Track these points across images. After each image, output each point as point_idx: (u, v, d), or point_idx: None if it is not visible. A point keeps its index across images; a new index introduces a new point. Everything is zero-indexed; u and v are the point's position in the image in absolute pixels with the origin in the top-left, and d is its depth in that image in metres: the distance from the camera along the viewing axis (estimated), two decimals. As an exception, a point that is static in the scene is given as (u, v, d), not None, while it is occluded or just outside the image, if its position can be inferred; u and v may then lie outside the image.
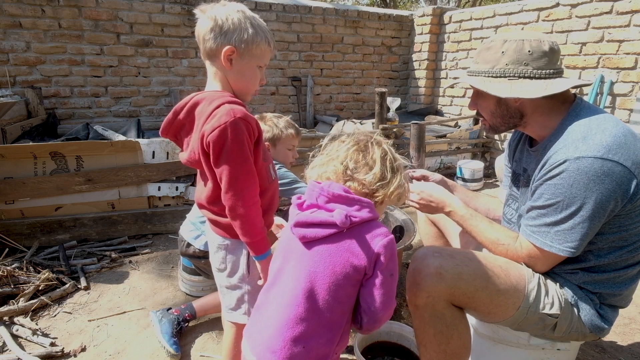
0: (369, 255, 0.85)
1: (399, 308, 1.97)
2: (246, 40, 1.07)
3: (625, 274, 1.13)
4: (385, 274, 0.86)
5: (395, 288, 0.90)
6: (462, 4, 13.40)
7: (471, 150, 4.38)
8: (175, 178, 2.81)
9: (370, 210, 0.88)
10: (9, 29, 3.51)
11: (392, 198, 0.93)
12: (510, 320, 1.15)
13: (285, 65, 4.77)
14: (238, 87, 1.15)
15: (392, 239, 0.87)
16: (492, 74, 1.16)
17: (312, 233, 0.87)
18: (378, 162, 0.92)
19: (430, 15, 4.98)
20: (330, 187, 0.90)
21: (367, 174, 0.91)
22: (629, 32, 3.18)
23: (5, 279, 2.00)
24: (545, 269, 1.16)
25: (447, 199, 1.31)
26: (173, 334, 1.67)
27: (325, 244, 0.87)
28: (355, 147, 0.94)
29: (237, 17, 1.07)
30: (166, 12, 4.00)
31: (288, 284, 0.90)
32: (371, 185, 0.90)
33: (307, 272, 0.87)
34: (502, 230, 1.23)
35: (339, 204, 0.88)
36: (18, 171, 2.46)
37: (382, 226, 0.89)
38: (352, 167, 0.92)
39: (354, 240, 0.86)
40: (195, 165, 1.18)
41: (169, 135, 1.23)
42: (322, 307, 0.86)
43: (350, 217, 0.84)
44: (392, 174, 0.92)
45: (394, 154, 0.96)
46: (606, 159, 0.99)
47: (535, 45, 1.12)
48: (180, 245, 1.87)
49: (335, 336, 0.89)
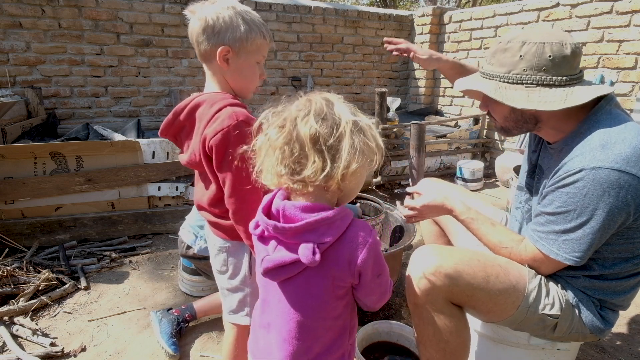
0: (350, 272, 0.77)
1: (399, 308, 1.97)
2: (240, 38, 1.04)
3: (627, 283, 1.12)
4: (371, 281, 0.79)
5: (385, 283, 0.84)
6: (462, 4, 13.40)
7: (471, 150, 4.38)
8: (175, 178, 2.81)
9: (339, 223, 0.75)
10: (9, 29, 3.51)
11: (351, 177, 0.76)
12: (509, 320, 1.15)
13: (285, 65, 4.77)
14: (237, 86, 1.13)
15: (370, 245, 0.76)
16: (508, 80, 1.09)
17: (285, 275, 0.78)
18: (309, 148, 0.73)
19: (430, 15, 4.98)
20: (285, 216, 0.76)
21: (305, 169, 0.74)
22: (629, 32, 3.18)
23: (5, 279, 2.00)
24: (548, 273, 1.16)
25: (448, 203, 1.29)
26: (172, 335, 1.67)
27: (302, 278, 0.78)
28: (280, 137, 0.76)
29: (228, 14, 1.03)
30: (166, 12, 4.00)
31: (278, 319, 0.82)
32: (317, 180, 0.74)
33: (293, 307, 0.79)
34: (505, 233, 1.21)
35: (301, 237, 0.75)
36: (18, 171, 2.46)
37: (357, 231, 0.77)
38: (289, 171, 0.76)
39: (331, 265, 0.76)
40: (195, 167, 1.17)
41: (168, 135, 1.22)
42: (321, 332, 0.80)
43: (318, 247, 0.73)
44: (330, 154, 0.73)
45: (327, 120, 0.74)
46: (623, 171, 0.95)
47: (556, 49, 1.03)
48: (180, 247, 1.87)
49: (343, 341, 0.85)
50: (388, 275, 0.85)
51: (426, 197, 1.33)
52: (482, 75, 1.17)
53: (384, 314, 1.93)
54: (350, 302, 0.84)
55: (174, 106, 1.17)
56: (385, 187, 3.79)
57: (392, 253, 1.74)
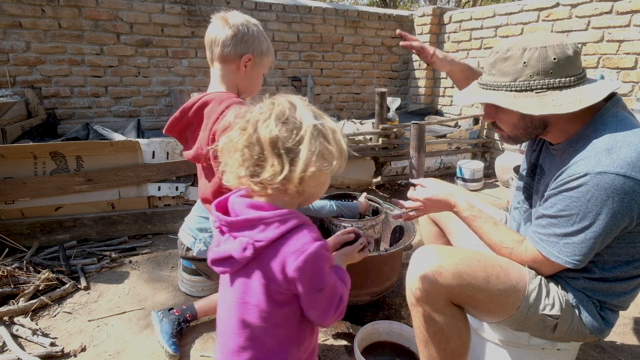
0: (285, 280, 0.75)
1: (399, 308, 1.97)
2: (262, 51, 1.22)
3: (627, 285, 1.12)
4: (309, 294, 0.76)
5: (330, 300, 0.79)
6: (462, 4, 13.40)
7: (471, 150, 4.38)
8: (175, 178, 2.81)
9: (280, 223, 0.74)
10: (9, 29, 3.51)
11: (310, 181, 0.76)
12: (510, 320, 1.15)
13: (285, 65, 4.77)
14: (245, 90, 1.28)
15: (308, 254, 0.73)
16: (515, 88, 1.05)
17: (227, 269, 0.79)
18: (268, 151, 0.73)
19: (430, 15, 4.98)
20: (233, 209, 0.79)
21: (264, 171, 0.74)
22: (629, 32, 3.18)
23: (5, 279, 2.00)
24: (548, 274, 1.16)
25: (452, 199, 1.29)
26: (173, 335, 1.67)
27: (242, 276, 0.78)
28: (241, 138, 0.76)
29: (256, 30, 1.21)
30: (166, 12, 4.00)
31: (226, 312, 0.83)
32: (275, 183, 0.74)
33: (235, 304, 0.80)
34: (506, 232, 1.21)
35: (240, 232, 0.76)
36: (18, 171, 2.46)
37: (296, 237, 0.74)
38: (249, 173, 0.76)
39: (266, 267, 0.75)
40: (201, 161, 1.27)
41: (174, 133, 1.32)
42: (260, 335, 0.79)
43: (253, 245, 0.73)
44: (288, 157, 0.73)
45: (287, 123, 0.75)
46: (628, 177, 0.94)
47: (559, 51, 1.01)
48: (180, 249, 1.88)
49: (288, 352, 0.81)
50: (335, 293, 0.80)
51: (430, 190, 1.34)
52: (482, 87, 1.14)
53: (383, 314, 1.94)
54: (294, 313, 0.80)
55: (174, 106, 1.30)
56: (385, 187, 3.79)
57: (392, 253, 1.74)
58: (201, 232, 1.82)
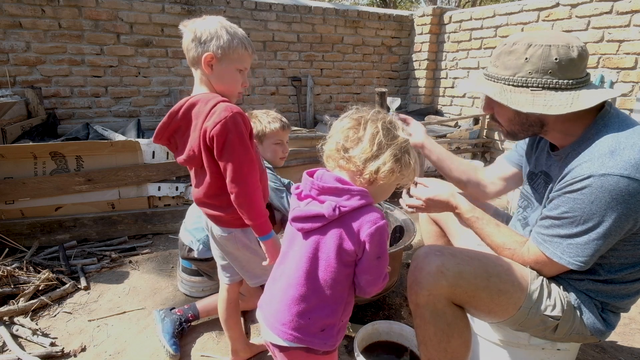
0: (356, 242, 0.90)
1: (399, 308, 1.97)
2: (222, 46, 1.18)
3: (632, 287, 1.12)
4: (371, 258, 0.91)
5: (383, 269, 0.95)
6: (462, 4, 13.40)
7: (471, 150, 4.38)
8: (175, 178, 2.81)
9: (361, 197, 0.91)
10: (9, 29, 3.51)
11: (382, 175, 0.91)
12: (511, 320, 1.15)
13: (285, 65, 4.77)
14: (220, 90, 1.25)
15: (379, 226, 0.90)
16: (512, 82, 1.07)
17: (307, 226, 0.94)
18: (366, 138, 0.92)
19: (430, 15, 4.98)
20: (322, 179, 0.95)
21: (355, 150, 0.92)
22: (629, 32, 3.18)
23: (5, 279, 2.00)
24: (550, 275, 1.15)
25: (454, 200, 1.29)
26: (174, 334, 1.67)
27: (320, 234, 0.93)
28: (349, 124, 0.95)
29: (214, 26, 1.18)
30: (166, 12, 4.00)
31: (292, 266, 0.97)
32: (358, 161, 0.92)
33: (306, 257, 0.94)
34: (509, 234, 1.21)
35: (328, 196, 0.92)
36: (18, 171, 2.46)
37: (372, 211, 0.91)
38: (344, 145, 0.94)
39: (345, 229, 0.91)
40: (192, 163, 1.27)
41: (163, 139, 1.31)
42: (322, 286, 0.94)
43: (339, 208, 0.89)
44: (378, 149, 0.91)
45: (389, 131, 0.94)
46: (632, 179, 0.94)
47: (563, 52, 1.02)
48: (182, 250, 1.88)
49: (338, 308, 0.97)
50: (386, 265, 0.96)
51: (432, 190, 1.33)
52: (486, 77, 1.16)
53: (384, 314, 1.94)
54: (350, 277, 0.96)
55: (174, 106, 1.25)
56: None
57: (392, 253, 1.74)
58: (199, 232, 1.82)
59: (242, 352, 1.58)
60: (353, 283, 0.97)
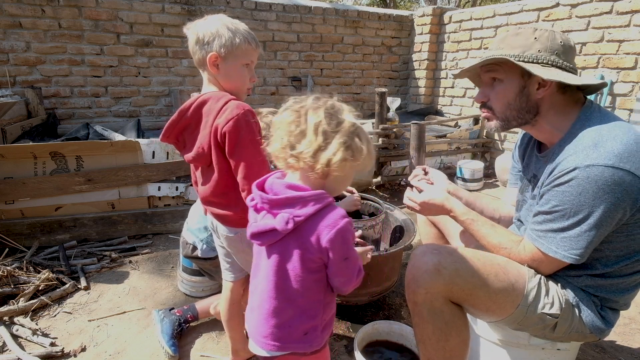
0: (318, 249, 0.87)
1: (399, 308, 1.97)
2: (225, 45, 1.18)
3: (630, 280, 1.12)
4: (337, 262, 0.89)
5: (353, 268, 0.93)
6: (462, 4, 13.40)
7: (471, 150, 4.38)
8: (175, 178, 2.81)
9: (315, 202, 0.86)
10: (9, 29, 3.51)
11: (334, 167, 0.85)
12: (509, 319, 1.15)
13: (285, 65, 4.77)
14: (229, 88, 1.25)
15: (339, 228, 0.85)
16: (523, 59, 1.09)
17: (265, 241, 0.91)
18: (310, 130, 0.85)
19: (430, 15, 4.98)
20: (272, 190, 0.91)
21: (301, 145, 0.86)
22: (629, 32, 3.18)
23: (5, 279, 2.00)
24: (548, 272, 1.16)
25: (448, 204, 1.29)
26: (173, 335, 1.67)
27: (280, 247, 0.91)
28: (290, 117, 0.89)
29: (215, 26, 1.18)
30: (166, 12, 4.00)
31: (263, 280, 0.95)
32: (307, 157, 0.85)
33: (273, 271, 0.92)
34: (504, 234, 1.22)
35: (281, 208, 0.88)
36: (18, 171, 2.46)
37: (329, 214, 0.86)
38: (289, 142, 0.88)
39: (303, 239, 0.87)
40: (200, 161, 1.26)
41: (171, 137, 1.31)
42: (294, 296, 0.92)
43: (293, 219, 0.85)
44: (324, 140, 0.85)
45: (332, 117, 0.87)
46: (617, 168, 0.97)
47: (565, 38, 1.11)
48: (186, 248, 1.88)
49: (316, 312, 0.95)
50: (356, 263, 0.94)
51: (426, 194, 1.33)
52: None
53: (383, 314, 1.94)
54: (322, 280, 0.94)
55: (173, 106, 1.29)
56: (385, 187, 3.79)
57: (392, 253, 1.74)
58: (202, 232, 1.82)
59: (243, 352, 1.59)
60: (328, 284, 0.95)
